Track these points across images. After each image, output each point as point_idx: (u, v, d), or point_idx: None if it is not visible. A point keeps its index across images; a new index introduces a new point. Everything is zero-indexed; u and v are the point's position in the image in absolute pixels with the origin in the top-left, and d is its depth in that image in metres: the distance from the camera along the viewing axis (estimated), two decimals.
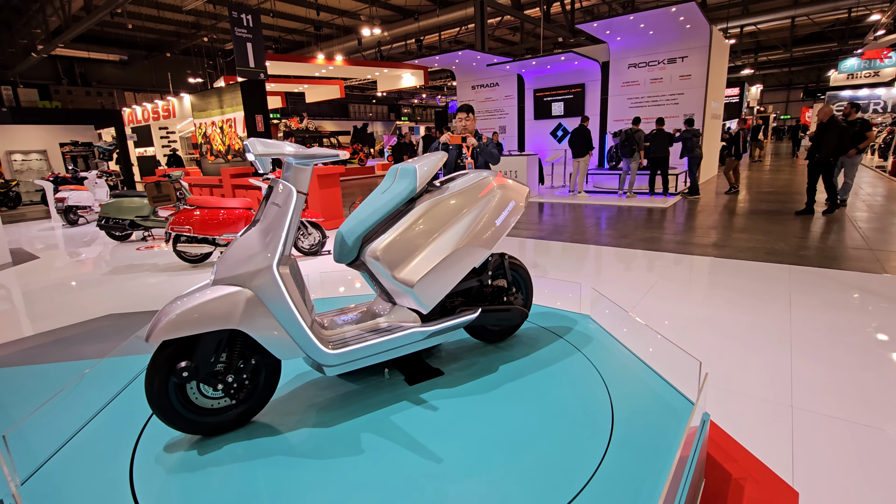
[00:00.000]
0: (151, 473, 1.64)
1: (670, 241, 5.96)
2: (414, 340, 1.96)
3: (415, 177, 1.98)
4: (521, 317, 2.38)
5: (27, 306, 4.42)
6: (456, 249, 1.98)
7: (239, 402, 1.85)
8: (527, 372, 2.18)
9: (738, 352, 2.88)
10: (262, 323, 1.72)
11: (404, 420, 1.85)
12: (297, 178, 1.87)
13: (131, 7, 15.93)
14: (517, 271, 2.48)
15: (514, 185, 2.33)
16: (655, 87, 11.56)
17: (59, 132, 13.32)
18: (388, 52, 22.07)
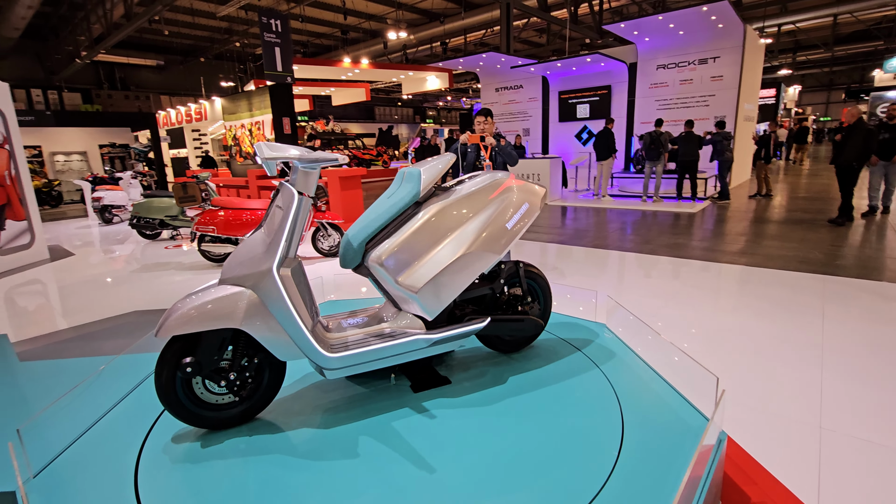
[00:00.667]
0: (156, 469, 1.66)
1: (696, 247, 5.76)
2: (417, 348, 1.92)
3: (419, 181, 1.95)
4: (536, 328, 2.28)
5: (58, 301, 4.60)
6: (462, 255, 1.92)
7: (242, 400, 1.88)
8: (536, 384, 2.11)
9: (765, 366, 2.74)
10: (262, 323, 1.75)
11: (404, 427, 1.83)
12: (303, 181, 1.89)
13: (168, 14, 16.51)
14: (535, 280, 2.37)
15: (528, 186, 2.23)
16: (685, 89, 11.24)
17: (99, 134, 13.90)
18: (413, 55, 22.21)
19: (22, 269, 5.82)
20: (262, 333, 1.75)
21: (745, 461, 1.95)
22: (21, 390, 2.32)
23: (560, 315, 2.93)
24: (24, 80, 20.59)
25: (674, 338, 3.17)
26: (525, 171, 10.07)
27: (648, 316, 3.57)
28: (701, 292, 4.12)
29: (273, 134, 13.00)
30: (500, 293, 2.27)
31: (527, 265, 2.37)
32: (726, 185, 9.43)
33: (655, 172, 9.46)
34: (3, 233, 5.73)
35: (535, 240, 6.55)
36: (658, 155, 9.24)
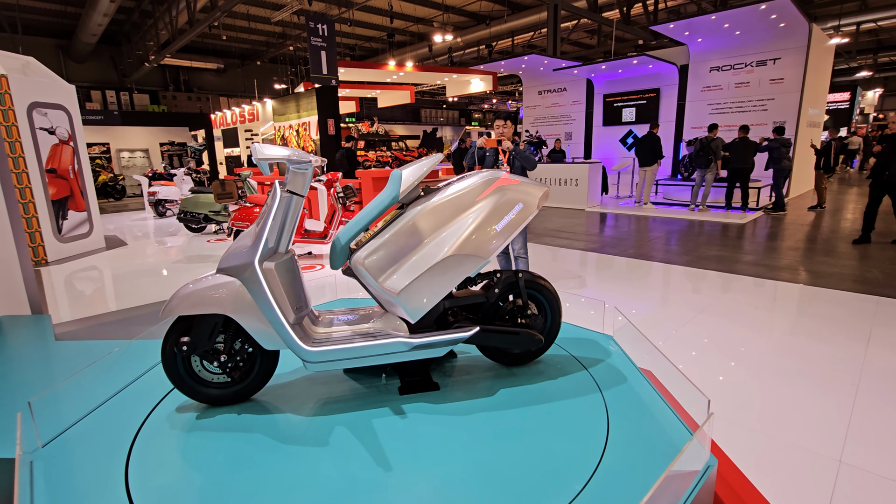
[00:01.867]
0: (152, 441, 1.74)
1: (740, 260, 5.41)
2: (397, 350, 1.91)
3: (399, 182, 1.94)
4: (533, 343, 2.10)
5: (104, 287, 4.95)
6: (445, 257, 1.88)
7: (235, 382, 2.02)
8: (526, 398, 2.01)
9: (791, 391, 2.53)
10: (247, 312, 1.88)
11: (379, 426, 1.84)
12: (294, 181, 1.97)
13: (226, 20, 17.46)
14: (540, 292, 2.22)
15: (525, 184, 2.08)
16: (741, 92, 10.63)
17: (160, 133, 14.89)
18: (459, 57, 22.29)
19: (80, 255, 6.32)
20: (246, 322, 1.88)
21: (749, 494, 1.80)
22: (49, 367, 2.51)
23: (567, 325, 2.83)
24: (100, 82, 22.41)
25: (697, 354, 2.99)
26: (563, 177, 9.86)
27: (672, 329, 3.39)
28: (738, 307, 3.86)
29: (318, 134, 13.45)
30: (497, 302, 2.18)
31: (533, 276, 2.26)
32: (782, 196, 8.82)
33: (705, 180, 8.98)
34: (66, 222, 6.25)
35: (565, 246, 6.39)
36: (708, 162, 8.76)
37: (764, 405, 2.40)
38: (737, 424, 2.23)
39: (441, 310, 2.04)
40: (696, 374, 2.73)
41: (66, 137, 6.22)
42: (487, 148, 3.92)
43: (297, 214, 2.07)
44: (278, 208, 1.92)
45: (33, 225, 5.80)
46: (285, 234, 2.02)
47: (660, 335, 3.32)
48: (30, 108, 5.72)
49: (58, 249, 6.11)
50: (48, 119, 5.97)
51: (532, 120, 14.63)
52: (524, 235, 4.02)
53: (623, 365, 2.30)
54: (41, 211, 5.85)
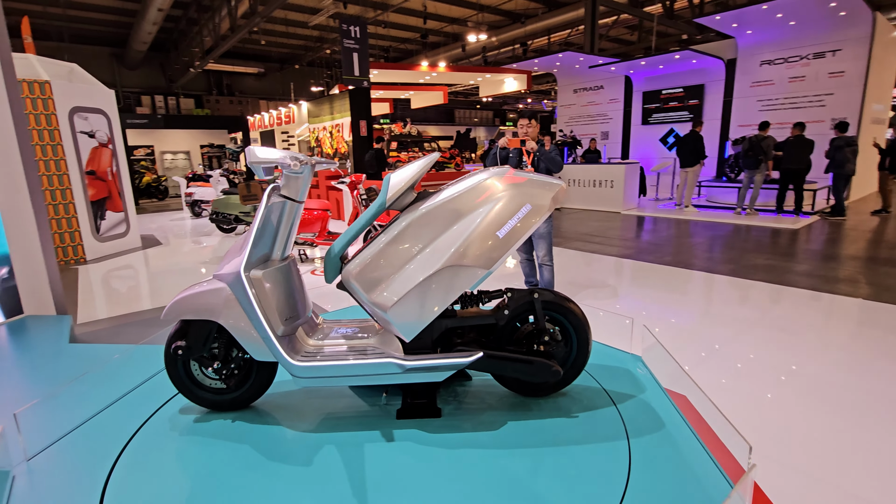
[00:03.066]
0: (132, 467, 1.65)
1: (792, 270, 4.95)
2: (388, 372, 1.74)
3: (386, 187, 1.77)
4: (550, 375, 1.83)
5: (134, 287, 5.05)
6: (438, 270, 1.68)
7: (231, 389, 2.00)
8: (536, 435, 1.77)
9: (848, 425, 2.19)
10: (236, 321, 1.83)
11: (369, 452, 1.69)
12: (288, 185, 1.88)
13: (266, 25, 17.92)
14: (565, 316, 1.94)
15: (534, 182, 1.81)
16: (795, 87, 9.89)
17: (201, 135, 15.42)
18: (494, 57, 22.02)
19: (117, 255, 6.53)
20: (235, 330, 1.83)
21: None
22: (53, 372, 2.50)
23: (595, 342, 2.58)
24: (150, 87, 23.55)
25: (738, 376, 2.68)
26: (597, 178, 9.46)
27: (710, 348, 3.07)
28: (788, 324, 3.48)
29: (351, 136, 13.55)
30: (513, 325, 1.94)
31: (556, 296, 1.94)
32: (842, 199, 8.09)
33: (754, 182, 8.37)
34: (104, 222, 6.46)
35: (597, 251, 6.06)
36: (757, 162, 8.16)
37: (814, 441, 2.08)
38: (781, 464, 1.93)
39: (442, 329, 1.86)
40: (735, 400, 2.43)
41: (105, 140, 6.43)
42: (511, 148, 3.70)
43: (292, 221, 1.97)
44: (268, 214, 1.82)
45: (73, 225, 6.02)
46: (279, 241, 1.95)
47: (697, 353, 3.01)
48: (71, 113, 5.94)
49: (96, 248, 6.32)
50: (88, 123, 6.19)
51: (567, 119, 14.21)
52: (548, 241, 3.77)
53: (653, 393, 2.05)
54: (80, 211, 6.06)
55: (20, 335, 2.97)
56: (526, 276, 4.11)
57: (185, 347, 1.92)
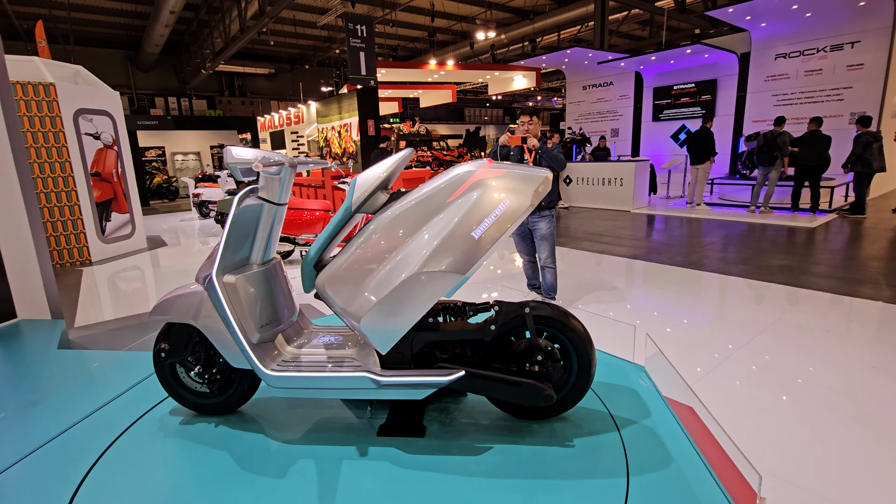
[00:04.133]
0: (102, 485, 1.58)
1: (808, 271, 4.75)
2: (362, 387, 1.65)
3: (352, 189, 1.66)
4: (542, 399, 1.64)
5: (136, 290, 5.04)
6: (409, 276, 1.55)
7: (214, 394, 1.96)
8: (524, 464, 1.59)
9: (868, 441, 2.04)
10: (212, 325, 1.78)
11: (345, 468, 1.61)
12: (266, 187, 1.80)
13: (275, 26, 17.98)
14: (563, 333, 1.75)
15: (512, 175, 1.61)
16: (812, 81, 9.58)
17: (211, 136, 15.51)
18: (503, 55, 21.83)
19: (122, 256, 6.55)
20: (212, 335, 1.79)
21: None
22: (36, 380, 2.44)
23: None
24: (163, 89, 23.81)
25: (749, 386, 2.53)
26: (606, 176, 9.27)
27: (720, 355, 2.92)
28: (804, 329, 3.31)
29: (359, 135, 13.52)
30: (505, 341, 1.79)
31: (553, 310, 1.75)
32: (863, 196, 7.81)
33: (769, 179, 8.12)
34: (109, 223, 6.48)
35: (605, 252, 5.90)
36: (773, 159, 7.91)
37: (831, 460, 1.94)
38: (794, 485, 1.80)
39: (423, 343, 1.73)
40: (747, 410, 2.29)
41: (110, 142, 6.45)
42: (511, 146, 3.58)
43: (272, 224, 1.89)
44: (241, 217, 1.77)
45: (78, 226, 6.04)
46: (258, 245, 1.89)
47: (708, 359, 2.87)
48: (76, 115, 5.95)
49: (101, 250, 6.34)
50: (93, 125, 6.20)
51: (576, 116, 13.99)
52: (551, 242, 3.64)
53: (655, 408, 1.92)
54: (86, 213, 6.08)
55: (9, 340, 2.94)
56: (528, 279, 3.99)
57: (168, 350, 1.92)
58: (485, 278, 4.89)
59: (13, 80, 5.43)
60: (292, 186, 8.09)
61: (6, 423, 1.92)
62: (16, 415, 2.01)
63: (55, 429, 1.91)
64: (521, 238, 3.81)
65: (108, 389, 2.22)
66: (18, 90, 5.45)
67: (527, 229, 3.75)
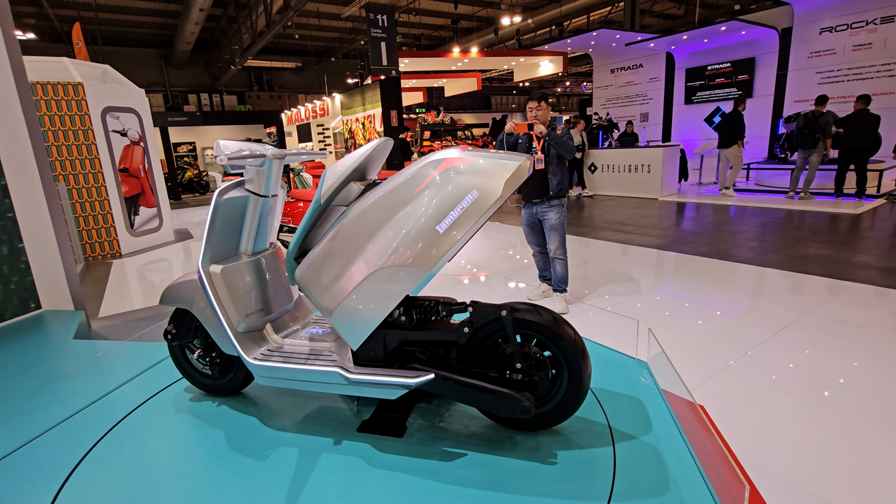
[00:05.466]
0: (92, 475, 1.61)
1: (848, 261, 4.43)
2: (333, 381, 1.62)
3: (322, 181, 1.61)
4: (520, 410, 1.51)
5: (160, 281, 5.21)
6: (374, 271, 1.50)
7: (216, 376, 2.07)
8: (499, 477, 1.48)
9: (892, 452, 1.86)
10: (205, 312, 1.87)
11: (322, 465, 1.59)
12: (252, 179, 1.80)
13: (299, 20, 18.13)
14: (553, 340, 1.59)
15: (482, 163, 1.46)
16: (861, 56, 8.90)
17: (239, 131, 15.88)
18: (530, 40, 21.31)
19: (150, 248, 6.79)
20: (204, 322, 1.88)
21: None
22: (45, 369, 2.52)
23: (591, 343, 2.35)
24: (195, 86, 24.51)
25: (769, 388, 2.36)
26: (633, 163, 8.93)
27: (739, 353, 2.75)
28: (838, 325, 3.08)
29: (382, 126, 13.53)
30: (490, 344, 1.66)
31: (539, 314, 1.60)
32: None
33: (809, 163, 7.62)
34: (137, 217, 6.72)
35: (626, 241, 5.68)
36: (814, 141, 7.40)
37: (862, 472, 1.78)
38: (806, 492, 1.65)
39: (398, 342, 1.66)
40: (765, 417, 2.13)
41: (136, 139, 6.66)
42: (519, 134, 3.45)
43: (260, 215, 1.91)
44: (223, 209, 1.80)
45: (108, 220, 6.29)
46: (246, 236, 1.92)
47: (724, 359, 2.70)
48: (104, 113, 6.17)
49: (130, 243, 6.59)
50: (120, 122, 6.41)
51: (603, 101, 13.53)
52: (561, 233, 3.51)
53: (653, 406, 1.81)
54: (115, 207, 6.32)
55: (28, 330, 3.07)
56: (540, 271, 3.88)
57: (174, 333, 2.05)
58: (499, 270, 4.80)
59: (44, 81, 5.67)
60: (312, 179, 8.10)
61: (8, 410, 1.99)
62: (19, 402, 2.08)
63: (57, 416, 1.98)
64: (531, 228, 3.69)
65: (111, 378, 2.28)
66: (49, 90, 5.68)
67: (536, 219, 3.62)
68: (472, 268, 4.91)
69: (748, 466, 1.70)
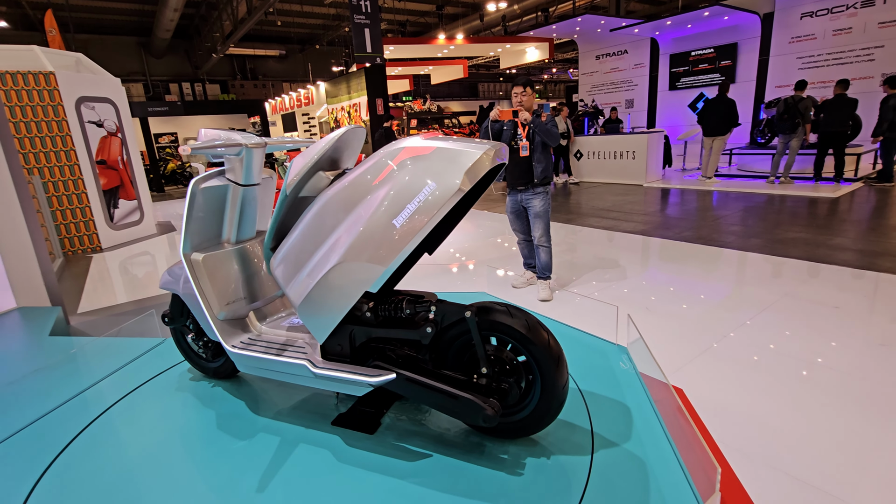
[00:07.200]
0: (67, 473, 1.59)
1: (826, 244, 4.51)
2: (300, 374, 1.64)
3: (288, 173, 1.58)
4: (483, 419, 1.43)
5: (141, 275, 5.12)
6: (334, 266, 1.46)
7: (209, 359, 2.13)
8: (465, 477, 1.45)
9: (876, 429, 1.91)
10: (190, 299, 1.92)
11: (299, 455, 1.61)
12: (231, 168, 1.80)
13: (281, 6, 17.72)
14: (525, 345, 1.49)
15: (442, 152, 1.36)
16: (841, 41, 8.99)
17: (222, 120, 15.58)
18: (517, 26, 21.15)
19: (132, 242, 6.66)
20: (191, 308, 1.94)
21: None
22: (17, 367, 2.48)
23: (573, 330, 2.37)
24: (176, 75, 23.93)
25: (747, 369, 2.40)
26: (617, 149, 8.96)
27: (721, 336, 2.79)
28: (816, 307, 3.14)
29: (368, 115, 13.37)
30: (447, 344, 1.59)
31: (512, 316, 1.51)
32: (892, 164, 7.36)
33: (789, 147, 7.71)
34: (117, 211, 6.59)
35: (611, 227, 5.72)
36: (794, 126, 7.49)
37: (832, 449, 1.82)
38: (785, 474, 1.70)
39: (365, 338, 1.64)
40: (745, 398, 2.18)
41: (113, 129, 6.50)
42: (504, 120, 3.43)
43: (241, 204, 1.90)
44: (201, 198, 1.82)
45: (87, 214, 6.15)
46: (228, 224, 1.94)
47: (707, 342, 2.74)
48: (78, 103, 5.99)
49: (111, 237, 6.46)
50: (96, 112, 6.24)
51: (589, 88, 13.51)
52: (545, 220, 3.51)
53: (631, 391, 1.84)
54: (93, 200, 6.18)
55: (1, 328, 3.00)
56: (524, 258, 3.89)
57: (170, 317, 2.14)
58: (486, 258, 4.80)
59: (13, 70, 5.49)
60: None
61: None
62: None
63: (29, 415, 1.94)
64: (516, 216, 3.69)
65: (87, 375, 2.25)
66: (19, 80, 5.50)
67: (521, 207, 3.62)
68: (461, 255, 4.91)
69: (727, 448, 1.73)
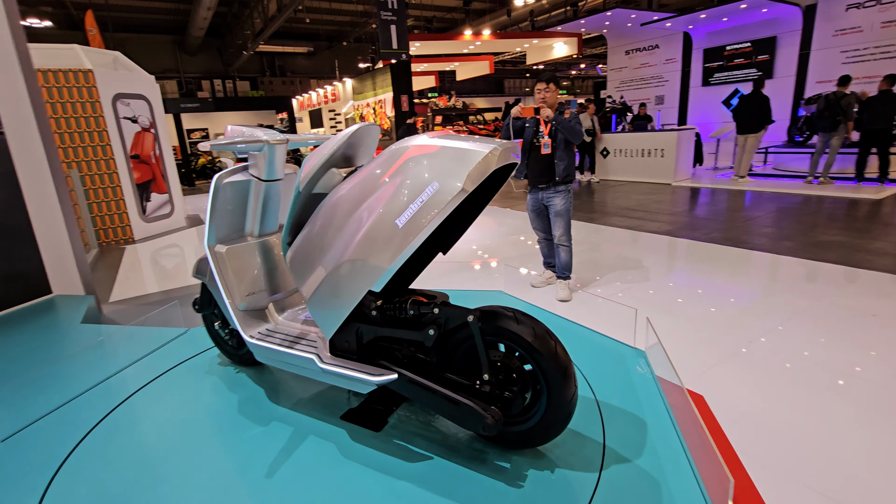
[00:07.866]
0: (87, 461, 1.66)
1: (866, 248, 4.29)
2: (308, 367, 1.66)
3: (300, 170, 1.58)
4: (484, 427, 1.39)
5: (170, 266, 5.29)
6: (341, 263, 1.45)
7: (234, 346, 2.20)
8: (467, 485, 1.40)
9: None
10: (215, 288, 1.98)
11: (306, 449, 1.64)
12: (254, 164, 1.90)
13: (310, 3, 17.97)
14: (532, 355, 1.43)
15: (446, 152, 1.31)
16: (889, 34, 8.50)
17: (252, 116, 15.93)
18: (544, 21, 20.83)
19: (163, 234, 6.89)
20: (216, 297, 1.99)
21: None
22: (49, 354, 2.58)
23: (590, 332, 2.32)
24: (208, 72, 24.58)
25: (774, 378, 2.31)
26: (645, 147, 8.73)
27: (750, 342, 2.69)
28: (851, 315, 2.99)
29: (393, 111, 13.45)
30: (453, 347, 1.56)
31: (518, 322, 1.44)
32: None
33: (829, 146, 7.36)
34: (149, 204, 6.82)
35: (635, 227, 5.58)
36: (835, 124, 7.14)
37: (860, 465, 1.73)
38: (805, 485, 1.62)
39: (372, 336, 1.63)
40: (769, 407, 2.09)
41: (147, 125, 6.72)
42: (526, 117, 3.38)
43: (264, 199, 1.95)
44: (224, 192, 1.87)
45: (121, 207, 6.39)
46: (251, 219, 2.00)
47: (732, 347, 2.64)
48: (114, 99, 6.22)
49: (143, 229, 6.69)
50: (131, 109, 6.47)
51: (617, 84, 13.20)
52: (566, 219, 3.45)
53: (649, 398, 1.78)
54: (127, 194, 6.41)
55: (38, 315, 3.15)
56: (544, 257, 3.83)
57: (200, 304, 2.24)
58: (507, 256, 4.76)
59: (55, 68, 5.73)
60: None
61: (8, 393, 2.05)
62: (21, 385, 2.14)
63: (58, 399, 2.03)
64: (537, 214, 3.64)
65: (114, 362, 2.33)
66: (60, 77, 5.74)
67: (542, 205, 3.57)
68: (482, 252, 4.88)
69: (748, 459, 1.66)
